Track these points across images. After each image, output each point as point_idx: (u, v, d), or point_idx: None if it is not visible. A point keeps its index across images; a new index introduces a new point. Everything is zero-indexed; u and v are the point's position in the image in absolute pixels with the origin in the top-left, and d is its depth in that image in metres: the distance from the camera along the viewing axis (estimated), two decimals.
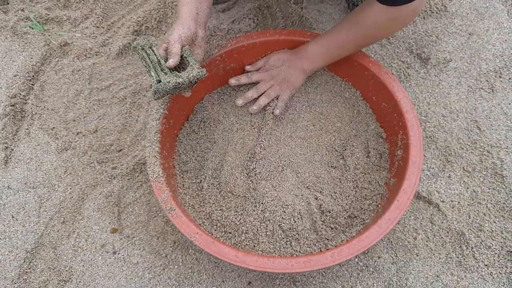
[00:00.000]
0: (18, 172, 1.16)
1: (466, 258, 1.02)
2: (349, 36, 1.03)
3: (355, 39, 1.03)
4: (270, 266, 0.83)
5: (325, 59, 1.09)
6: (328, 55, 1.08)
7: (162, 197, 0.91)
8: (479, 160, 1.14)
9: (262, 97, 1.11)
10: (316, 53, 1.08)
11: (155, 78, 0.89)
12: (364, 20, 0.98)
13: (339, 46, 1.05)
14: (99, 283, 1.02)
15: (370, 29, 0.99)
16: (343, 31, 1.04)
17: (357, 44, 1.05)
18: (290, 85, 1.11)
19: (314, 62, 1.09)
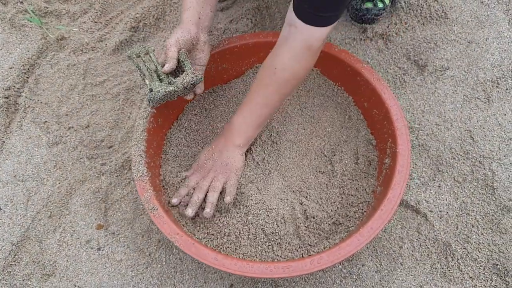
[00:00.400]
0: (8, 165, 1.17)
1: (451, 269, 1.01)
2: (271, 88, 0.94)
3: (278, 88, 0.94)
4: (248, 270, 0.83)
5: (254, 124, 0.99)
6: (258, 119, 0.98)
7: (145, 196, 0.91)
8: (470, 171, 1.12)
9: (209, 194, 0.97)
10: (242, 123, 0.98)
11: (148, 87, 0.89)
12: (282, 60, 0.91)
13: (265, 104, 0.96)
14: (82, 278, 1.02)
15: (289, 69, 0.91)
16: (263, 86, 0.95)
17: (281, 93, 0.95)
18: (232, 167, 0.99)
19: (243, 133, 0.99)
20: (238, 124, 0.99)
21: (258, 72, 0.97)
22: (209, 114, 1.15)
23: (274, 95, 0.95)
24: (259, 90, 0.96)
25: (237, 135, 0.99)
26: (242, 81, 1.19)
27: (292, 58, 0.90)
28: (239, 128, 0.99)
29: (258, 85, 0.96)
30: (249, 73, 1.19)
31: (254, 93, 0.97)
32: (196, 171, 1.01)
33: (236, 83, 1.19)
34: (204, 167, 1.00)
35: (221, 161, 0.99)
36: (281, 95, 0.96)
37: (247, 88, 1.18)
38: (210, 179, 0.98)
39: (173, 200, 0.98)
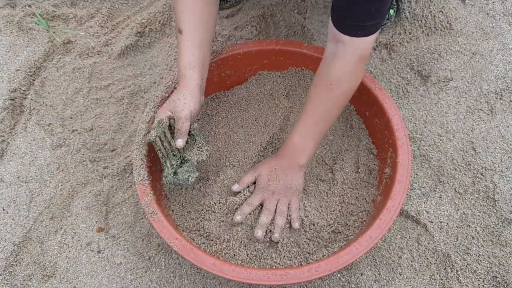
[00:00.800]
0: (12, 166, 1.18)
1: (450, 280, 1.01)
2: (328, 103, 0.94)
3: (336, 103, 0.95)
4: (246, 276, 0.83)
5: (315, 141, 0.98)
6: (318, 135, 0.97)
7: (145, 200, 0.92)
8: (471, 182, 1.12)
9: (277, 217, 0.97)
10: (304, 142, 0.97)
11: (170, 170, 0.93)
12: (337, 76, 0.91)
13: (323, 120, 0.96)
14: (82, 280, 1.03)
15: (345, 83, 0.92)
16: (320, 103, 0.94)
17: (339, 106, 0.96)
18: (295, 190, 0.99)
19: (307, 151, 0.97)
20: (300, 143, 0.97)
21: (311, 90, 0.96)
22: (211, 119, 1.16)
23: (332, 110, 0.96)
24: (316, 107, 0.95)
25: (300, 154, 0.97)
26: (245, 88, 1.20)
27: (348, 72, 0.91)
28: (301, 148, 0.97)
29: (315, 103, 0.95)
30: (252, 80, 1.20)
31: (311, 111, 0.96)
32: (260, 192, 0.98)
33: (238, 89, 1.20)
34: (267, 189, 0.98)
35: (285, 184, 0.98)
36: (339, 108, 0.97)
37: (250, 95, 1.19)
38: (275, 201, 0.98)
39: (237, 217, 0.96)
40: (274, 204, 0.97)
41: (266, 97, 1.19)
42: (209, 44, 0.98)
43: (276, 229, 0.95)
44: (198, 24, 0.94)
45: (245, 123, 1.15)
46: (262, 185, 0.98)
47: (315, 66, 1.15)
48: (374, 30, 0.86)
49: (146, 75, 1.33)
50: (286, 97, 1.18)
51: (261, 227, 0.95)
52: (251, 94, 1.19)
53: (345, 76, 0.91)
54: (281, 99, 1.18)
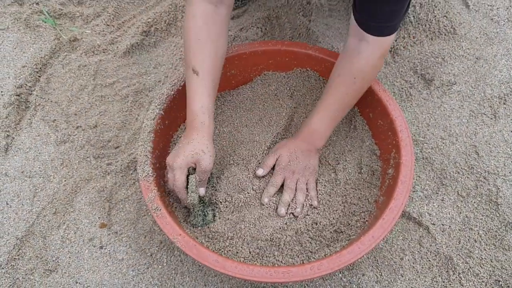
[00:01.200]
0: (16, 161, 1.18)
1: (452, 283, 1.01)
2: (351, 94, 1.01)
3: (357, 94, 1.02)
4: (249, 273, 0.83)
5: (332, 127, 1.05)
6: (335, 122, 1.05)
7: (149, 196, 0.92)
8: (474, 186, 1.12)
9: (298, 194, 1.03)
10: (323, 128, 1.04)
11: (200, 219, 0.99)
12: (362, 71, 0.97)
13: (342, 109, 1.03)
14: (83, 275, 1.03)
15: (369, 76, 0.99)
16: (342, 93, 1.01)
17: (359, 96, 1.03)
18: (312, 171, 1.05)
19: (324, 137, 1.05)
20: (318, 129, 1.04)
21: (331, 80, 1.03)
22: (216, 118, 1.16)
23: (352, 100, 1.03)
24: (336, 97, 1.02)
25: (318, 139, 1.05)
26: (250, 88, 1.21)
27: (371, 68, 0.98)
28: (320, 133, 1.04)
29: (335, 93, 1.02)
30: (257, 80, 1.21)
31: (333, 100, 1.02)
32: (281, 172, 1.04)
33: (244, 89, 1.21)
34: (288, 169, 1.03)
35: (303, 164, 1.03)
36: (357, 99, 1.04)
37: (255, 94, 1.20)
38: (295, 180, 1.03)
39: (265, 199, 1.02)
40: (294, 183, 1.03)
41: (271, 97, 1.19)
42: (218, 83, 1.01)
43: (297, 205, 1.02)
44: (212, 65, 0.95)
45: (250, 123, 1.15)
46: (282, 165, 1.04)
47: (320, 67, 1.16)
48: (395, 29, 0.93)
49: (151, 73, 1.34)
50: (291, 97, 1.19)
51: (284, 205, 1.01)
52: (256, 94, 1.20)
53: (368, 71, 0.98)
54: (286, 99, 1.18)
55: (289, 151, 1.04)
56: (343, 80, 1.00)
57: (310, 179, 1.05)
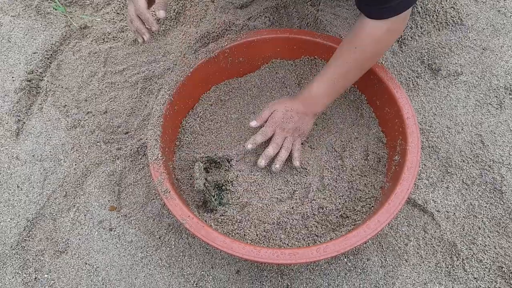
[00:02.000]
0: (27, 145, 1.20)
1: (455, 269, 1.02)
2: (351, 64, 1.00)
3: (357, 65, 1.01)
4: (255, 255, 0.85)
5: (332, 96, 1.05)
6: (335, 91, 1.05)
7: (158, 179, 0.94)
8: (479, 174, 1.13)
9: (282, 151, 1.05)
10: (322, 94, 1.04)
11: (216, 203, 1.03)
12: (363, 42, 0.97)
13: (344, 78, 1.03)
14: (93, 257, 1.05)
15: (370, 48, 0.98)
16: (343, 61, 1.01)
17: (361, 69, 1.03)
18: (301, 133, 1.08)
19: (322, 103, 1.05)
20: (317, 95, 1.04)
21: (337, 50, 1.03)
22: (224, 105, 1.18)
23: (352, 71, 1.02)
24: (336, 65, 1.02)
25: (316, 105, 1.05)
26: (258, 75, 1.22)
27: (374, 41, 0.96)
28: (318, 99, 1.04)
29: (335, 61, 1.02)
30: (265, 67, 1.22)
31: (333, 68, 1.02)
32: (273, 125, 1.05)
33: (251, 77, 1.22)
34: (279, 125, 1.05)
35: (296, 125, 1.05)
36: (360, 70, 1.03)
37: (262, 82, 1.21)
38: (283, 138, 1.05)
39: (249, 146, 1.03)
40: (282, 139, 1.05)
41: (278, 85, 1.21)
42: None
43: (278, 160, 1.04)
44: None
45: (257, 110, 1.17)
46: (275, 119, 1.05)
47: (328, 56, 1.16)
48: (395, 10, 0.90)
49: (160, 61, 1.35)
50: (298, 85, 1.20)
51: (266, 157, 1.03)
52: (264, 82, 1.21)
53: (369, 43, 0.97)
54: (293, 87, 1.20)
55: (285, 108, 1.05)
56: (344, 50, 1.00)
57: (297, 140, 1.07)
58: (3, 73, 1.32)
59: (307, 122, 1.07)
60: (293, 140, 1.07)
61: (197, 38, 1.35)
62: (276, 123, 1.05)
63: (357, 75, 1.03)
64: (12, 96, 1.26)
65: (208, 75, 1.15)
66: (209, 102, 1.17)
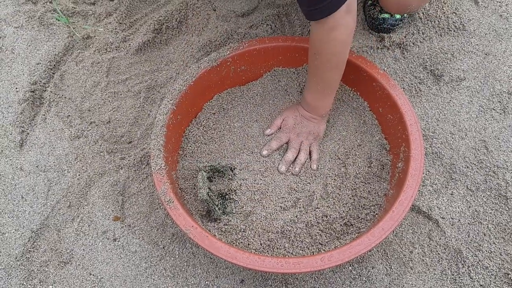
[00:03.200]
0: (31, 155, 1.21)
1: (461, 276, 1.02)
2: (321, 69, 1.02)
3: (326, 68, 1.01)
4: (260, 264, 0.84)
5: (326, 98, 1.08)
6: (323, 94, 1.07)
7: (162, 188, 0.94)
8: (483, 180, 1.13)
9: (300, 154, 1.10)
10: (316, 101, 1.08)
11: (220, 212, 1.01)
12: (316, 47, 0.98)
13: (324, 82, 1.05)
14: (97, 267, 1.05)
15: (325, 50, 0.98)
16: (314, 69, 1.03)
17: (332, 69, 1.02)
18: (316, 136, 1.12)
19: (320, 106, 1.09)
20: (312, 102, 1.09)
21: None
22: (226, 113, 1.18)
23: (326, 74, 1.03)
24: (312, 73, 1.05)
25: (317, 109, 1.10)
26: (260, 84, 1.22)
27: (323, 43, 0.97)
28: (315, 105, 1.09)
29: (310, 70, 1.06)
30: (267, 75, 1.22)
31: (310, 76, 1.07)
32: (287, 131, 1.13)
33: (254, 85, 1.22)
34: (293, 131, 1.12)
35: (308, 129, 1.11)
36: (331, 71, 1.02)
37: (265, 90, 1.21)
38: (299, 142, 1.11)
39: (264, 152, 1.10)
40: (298, 144, 1.11)
41: (281, 93, 1.21)
42: None
43: (297, 164, 1.09)
44: None
45: (260, 118, 1.17)
46: (288, 126, 1.13)
47: None
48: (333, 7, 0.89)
49: (163, 70, 1.36)
50: (301, 93, 1.20)
51: (286, 163, 1.09)
52: (266, 90, 1.21)
53: (320, 44, 0.97)
54: (295, 95, 1.20)
55: (294, 115, 1.13)
56: (309, 58, 1.03)
57: (314, 143, 1.12)
58: (7, 84, 1.32)
59: (318, 125, 1.11)
60: (309, 144, 1.11)
61: (199, 47, 1.35)
62: (289, 129, 1.12)
63: (332, 76, 1.04)
64: (15, 107, 1.27)
65: (211, 84, 1.16)
66: (212, 111, 1.18)
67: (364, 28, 1.39)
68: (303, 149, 1.10)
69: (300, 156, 1.10)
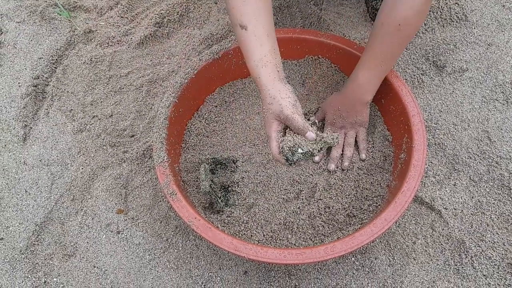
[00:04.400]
0: (34, 150, 1.21)
1: (464, 266, 1.02)
2: (397, 42, 0.96)
3: (403, 42, 0.96)
4: (263, 255, 0.85)
5: (380, 79, 1.02)
6: (382, 74, 1.02)
7: (164, 181, 0.94)
8: (486, 171, 1.13)
9: (345, 149, 1.09)
10: (369, 82, 1.01)
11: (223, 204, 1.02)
12: (407, 17, 0.91)
13: (390, 58, 0.99)
14: (101, 260, 1.06)
15: (414, 22, 0.92)
16: (388, 42, 0.96)
17: (404, 45, 0.98)
18: (361, 124, 1.09)
19: (371, 89, 1.03)
20: (364, 83, 1.02)
21: (375, 30, 0.97)
22: (229, 106, 1.18)
23: (398, 49, 0.98)
24: (382, 47, 0.97)
25: (365, 93, 1.03)
26: None
27: (416, 14, 0.91)
28: (366, 87, 1.02)
29: (380, 43, 0.97)
30: None
31: (377, 50, 0.98)
32: (329, 127, 1.11)
33: None
34: (335, 125, 1.10)
35: (349, 120, 1.08)
36: (404, 47, 0.99)
37: None
38: (343, 135, 1.10)
39: (316, 158, 1.08)
40: (342, 138, 1.09)
41: None
42: (274, 35, 0.91)
43: (345, 159, 1.08)
44: (262, 16, 0.87)
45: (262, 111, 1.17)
46: (329, 121, 1.10)
47: (331, 54, 1.17)
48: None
49: (165, 64, 1.36)
50: (303, 85, 1.20)
51: (333, 161, 1.08)
52: None
53: (413, 16, 0.91)
54: (298, 87, 1.20)
55: (333, 108, 1.08)
56: (387, 29, 0.94)
57: (360, 131, 1.09)
58: (10, 79, 1.33)
59: (361, 113, 1.06)
60: (354, 134, 1.09)
61: (201, 40, 1.35)
62: (331, 125, 1.10)
63: (400, 53, 1.00)
64: (18, 102, 1.28)
65: (213, 76, 1.16)
66: (214, 104, 1.18)
67: (366, 19, 1.38)
68: (347, 143, 1.09)
69: (346, 151, 1.08)
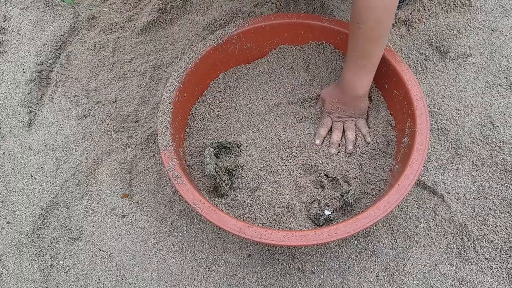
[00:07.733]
0: (39, 135, 1.22)
1: (466, 250, 1.02)
2: (363, 41, 0.97)
3: (370, 39, 0.97)
4: (267, 237, 0.86)
5: (366, 74, 1.03)
6: (365, 69, 1.02)
7: (169, 164, 0.95)
8: (489, 155, 1.13)
9: (347, 133, 1.10)
10: (355, 78, 1.04)
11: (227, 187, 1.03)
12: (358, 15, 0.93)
13: (365, 56, 1.00)
14: (107, 243, 1.07)
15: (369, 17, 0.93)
16: (356, 42, 0.99)
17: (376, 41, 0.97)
18: (359, 114, 1.11)
19: (361, 84, 1.05)
20: (352, 79, 1.04)
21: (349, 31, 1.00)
22: (233, 91, 1.18)
23: (368, 46, 0.98)
24: (353, 45, 1.00)
25: (355, 88, 1.05)
26: (266, 61, 1.22)
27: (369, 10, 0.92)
28: (354, 83, 1.05)
29: (351, 41, 1.00)
30: (272, 53, 1.22)
31: (351, 49, 1.01)
32: (328, 115, 1.12)
33: (259, 63, 1.23)
34: (333, 114, 1.12)
35: (347, 112, 1.11)
36: (375, 42, 0.98)
37: (270, 68, 1.21)
38: (341, 123, 1.11)
39: (317, 141, 1.09)
40: (341, 124, 1.11)
41: (286, 71, 1.21)
42: None
43: (348, 142, 1.09)
44: None
45: (266, 95, 1.17)
46: (327, 110, 1.12)
47: (335, 40, 1.17)
48: None
49: (168, 50, 1.36)
50: (306, 70, 1.20)
51: (334, 145, 1.09)
52: (272, 68, 1.21)
53: (367, 13, 0.92)
54: (301, 73, 1.20)
55: (331, 99, 1.10)
56: (351, 27, 0.97)
57: (359, 119, 1.12)
58: (14, 65, 1.34)
59: (357, 105, 1.09)
60: (354, 122, 1.11)
61: (204, 26, 1.35)
62: (329, 113, 1.12)
63: (374, 48, 0.99)
64: (23, 88, 1.28)
65: (216, 61, 1.16)
66: (218, 89, 1.18)
67: None
68: (348, 128, 1.10)
69: (348, 135, 1.09)
